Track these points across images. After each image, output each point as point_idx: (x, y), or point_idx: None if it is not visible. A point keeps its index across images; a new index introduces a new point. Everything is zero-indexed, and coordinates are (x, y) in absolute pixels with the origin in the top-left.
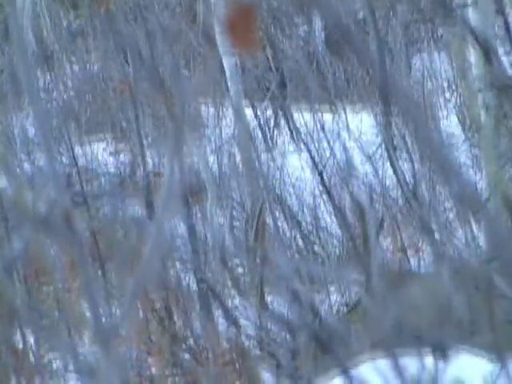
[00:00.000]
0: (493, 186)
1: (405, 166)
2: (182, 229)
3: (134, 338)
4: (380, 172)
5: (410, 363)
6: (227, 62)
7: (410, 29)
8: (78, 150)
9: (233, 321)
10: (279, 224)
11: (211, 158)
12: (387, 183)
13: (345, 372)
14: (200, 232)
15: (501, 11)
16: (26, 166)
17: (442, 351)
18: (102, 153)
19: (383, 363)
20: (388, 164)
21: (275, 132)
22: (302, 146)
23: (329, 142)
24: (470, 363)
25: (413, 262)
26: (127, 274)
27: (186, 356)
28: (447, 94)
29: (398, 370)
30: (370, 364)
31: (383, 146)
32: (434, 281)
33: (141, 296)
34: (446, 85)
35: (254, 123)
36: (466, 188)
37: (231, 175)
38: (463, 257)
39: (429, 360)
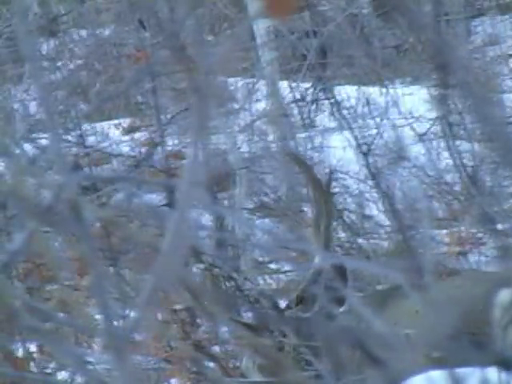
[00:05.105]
0: None
1: (463, 147)
2: (206, 219)
3: (151, 344)
4: (434, 153)
5: (470, 376)
6: (259, 27)
7: None
8: (86, 127)
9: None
10: None
11: (240, 138)
12: (442, 166)
13: None
14: (227, 223)
15: None
16: (27, 146)
17: (507, 362)
18: (114, 131)
19: (438, 375)
20: (443, 144)
21: (313, 107)
22: (345, 124)
23: (375, 119)
24: None
25: (472, 257)
26: (143, 270)
27: (211, 365)
28: None
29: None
30: (423, 376)
31: (438, 123)
32: (498, 279)
33: (159, 296)
34: (510, 52)
35: (289, 97)
36: None
37: (263, 157)
38: None
39: (492, 372)
